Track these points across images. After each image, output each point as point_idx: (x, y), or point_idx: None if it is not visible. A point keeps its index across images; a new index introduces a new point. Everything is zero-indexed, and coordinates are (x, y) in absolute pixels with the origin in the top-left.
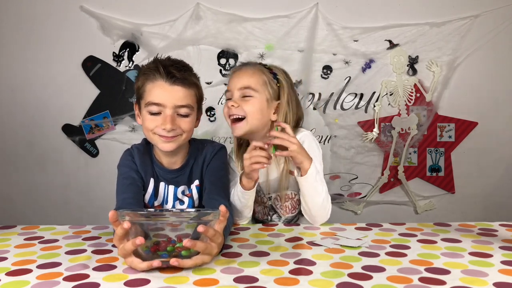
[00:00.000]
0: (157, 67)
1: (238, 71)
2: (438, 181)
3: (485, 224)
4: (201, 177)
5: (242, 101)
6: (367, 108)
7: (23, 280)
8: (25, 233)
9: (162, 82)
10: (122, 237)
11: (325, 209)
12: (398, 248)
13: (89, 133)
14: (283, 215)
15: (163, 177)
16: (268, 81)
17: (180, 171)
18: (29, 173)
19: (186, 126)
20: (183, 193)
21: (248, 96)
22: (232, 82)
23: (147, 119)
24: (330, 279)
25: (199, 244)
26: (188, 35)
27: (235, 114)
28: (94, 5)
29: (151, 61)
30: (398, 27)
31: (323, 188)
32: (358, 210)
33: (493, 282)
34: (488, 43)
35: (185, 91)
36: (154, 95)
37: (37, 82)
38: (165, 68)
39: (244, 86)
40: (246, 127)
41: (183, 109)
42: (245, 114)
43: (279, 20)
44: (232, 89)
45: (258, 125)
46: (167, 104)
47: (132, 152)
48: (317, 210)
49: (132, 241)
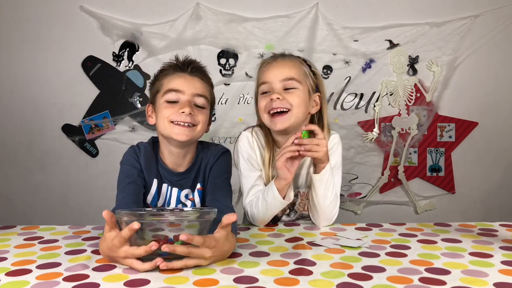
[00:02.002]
0: (177, 62)
1: (275, 62)
2: (438, 181)
3: (485, 224)
4: (204, 181)
5: (285, 93)
6: (367, 108)
7: (23, 280)
8: (25, 233)
9: (182, 73)
10: (126, 240)
11: (330, 213)
12: (398, 248)
13: (89, 133)
14: (299, 211)
15: (167, 179)
16: (308, 73)
17: (185, 174)
18: (29, 173)
19: (201, 118)
20: (187, 197)
21: (292, 88)
22: (272, 74)
23: (164, 108)
24: (330, 279)
25: (197, 239)
26: (188, 35)
27: (280, 107)
28: (94, 5)
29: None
30: (398, 27)
31: (332, 193)
32: (358, 210)
33: (493, 282)
34: (488, 43)
35: (203, 83)
36: (174, 83)
37: (37, 82)
38: (186, 60)
39: (287, 77)
40: (291, 119)
41: (200, 98)
42: (291, 106)
43: (279, 20)
44: (272, 81)
45: (302, 118)
46: (186, 91)
47: (137, 150)
48: (320, 211)
49: (128, 226)
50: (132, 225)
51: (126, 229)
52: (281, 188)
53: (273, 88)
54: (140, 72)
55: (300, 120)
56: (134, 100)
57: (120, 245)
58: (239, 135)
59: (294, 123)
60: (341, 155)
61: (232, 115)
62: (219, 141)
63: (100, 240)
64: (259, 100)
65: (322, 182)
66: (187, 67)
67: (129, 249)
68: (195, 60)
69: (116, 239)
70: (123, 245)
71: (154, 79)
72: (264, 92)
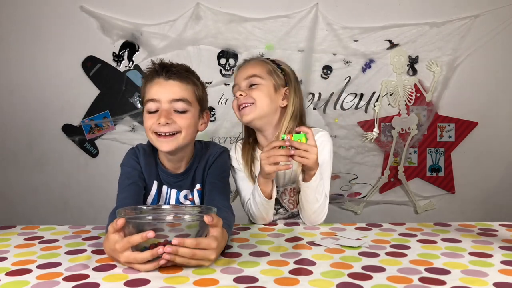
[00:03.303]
0: (154, 66)
1: (242, 65)
2: (438, 181)
3: (485, 224)
4: (203, 181)
5: (249, 89)
6: (367, 108)
7: (23, 280)
8: (25, 233)
9: (159, 79)
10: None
11: (320, 214)
12: (398, 248)
13: (89, 133)
14: (290, 210)
15: (166, 181)
16: (273, 70)
17: (183, 176)
18: (29, 173)
19: (183, 123)
20: (186, 197)
21: (254, 84)
22: (238, 75)
23: (146, 118)
24: (330, 279)
25: (188, 242)
26: (188, 35)
27: (244, 102)
28: (94, 5)
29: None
30: (398, 27)
31: (322, 196)
32: (358, 210)
33: (493, 282)
34: (488, 43)
35: (181, 85)
36: (151, 92)
37: (37, 82)
38: (161, 65)
39: (249, 75)
40: (255, 111)
41: (179, 103)
42: (254, 100)
43: (279, 20)
44: (238, 81)
45: (267, 110)
46: (162, 98)
47: (137, 151)
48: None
49: (141, 234)
50: (146, 233)
51: (138, 236)
52: (263, 187)
53: (240, 87)
54: (140, 72)
55: (266, 112)
56: (134, 100)
57: (122, 250)
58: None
59: (260, 115)
60: (331, 152)
61: (232, 115)
62: (219, 141)
63: (104, 239)
64: (233, 102)
65: (311, 188)
66: (162, 71)
67: (131, 254)
68: (171, 63)
69: (119, 243)
70: (126, 250)
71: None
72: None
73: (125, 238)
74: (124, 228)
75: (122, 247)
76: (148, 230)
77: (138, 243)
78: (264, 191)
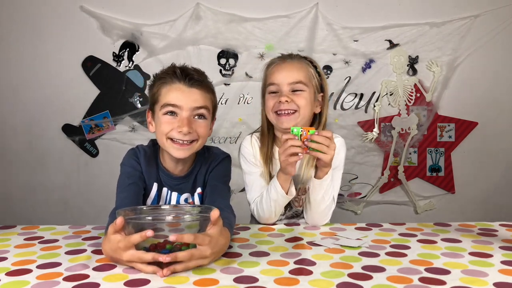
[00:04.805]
0: (174, 71)
1: (284, 63)
2: (438, 181)
3: (485, 224)
4: (203, 185)
5: (293, 95)
6: (367, 108)
7: (23, 280)
8: (25, 233)
9: (180, 85)
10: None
11: (324, 216)
12: (398, 248)
13: (89, 133)
14: (295, 207)
15: (167, 183)
16: (314, 75)
17: (184, 179)
18: (29, 173)
19: (202, 131)
20: (186, 201)
21: (299, 91)
22: (280, 76)
23: (162, 122)
24: (330, 279)
25: (186, 237)
26: (188, 35)
27: (288, 109)
28: (94, 5)
29: (168, 67)
30: (398, 27)
31: (329, 197)
32: (358, 210)
33: (493, 282)
34: (488, 43)
35: (203, 94)
36: (171, 97)
37: (37, 82)
38: (183, 71)
39: (295, 80)
40: (297, 119)
41: (200, 110)
42: (298, 108)
43: (279, 20)
44: (280, 83)
45: (307, 117)
46: (184, 106)
47: (137, 152)
48: (316, 213)
49: (141, 233)
50: (145, 232)
51: (137, 235)
52: (283, 183)
53: (282, 91)
54: (140, 72)
55: (305, 120)
56: (134, 100)
57: (126, 249)
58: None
59: (300, 122)
60: (344, 159)
61: (232, 115)
62: (219, 141)
63: (104, 240)
64: (267, 99)
65: (322, 186)
66: (183, 77)
67: (136, 253)
68: (193, 69)
69: (122, 242)
70: (129, 249)
71: (151, 84)
72: (272, 92)
73: (127, 237)
74: (124, 229)
75: (125, 246)
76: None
77: (137, 242)
78: (284, 188)
